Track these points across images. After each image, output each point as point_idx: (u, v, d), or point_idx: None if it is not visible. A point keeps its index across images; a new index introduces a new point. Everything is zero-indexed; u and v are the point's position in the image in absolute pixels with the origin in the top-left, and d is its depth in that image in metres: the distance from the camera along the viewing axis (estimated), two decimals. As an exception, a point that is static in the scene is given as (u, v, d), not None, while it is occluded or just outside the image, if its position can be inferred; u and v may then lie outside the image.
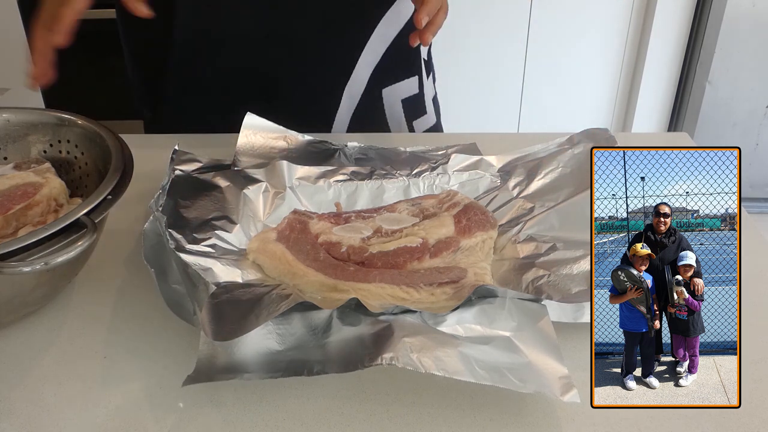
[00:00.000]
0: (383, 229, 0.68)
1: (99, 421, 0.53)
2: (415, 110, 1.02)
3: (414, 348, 0.52)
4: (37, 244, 0.54)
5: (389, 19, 0.93)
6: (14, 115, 0.73)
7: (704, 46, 2.09)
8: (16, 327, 0.62)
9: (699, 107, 2.15)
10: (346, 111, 0.97)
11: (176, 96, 0.97)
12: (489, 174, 0.79)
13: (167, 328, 0.61)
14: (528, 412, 0.54)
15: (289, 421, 0.53)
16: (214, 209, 0.70)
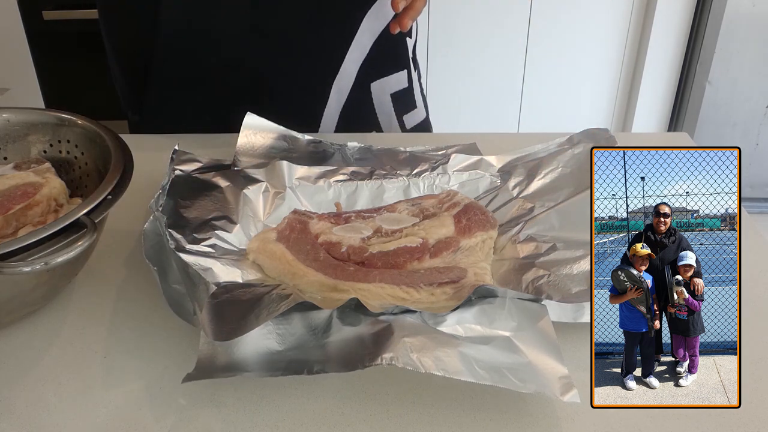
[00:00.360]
0: (383, 229, 0.68)
1: (99, 421, 0.53)
2: (406, 104, 1.02)
3: (414, 348, 0.52)
4: (37, 244, 0.54)
5: (375, 13, 0.93)
6: (14, 115, 0.73)
7: (704, 46, 2.09)
8: (16, 327, 0.62)
9: (699, 107, 2.15)
10: (335, 106, 0.97)
11: (162, 94, 0.97)
12: (489, 174, 0.79)
13: (167, 328, 0.61)
14: (528, 412, 0.54)
15: (289, 421, 0.53)
16: (214, 209, 0.70)
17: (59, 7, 1.90)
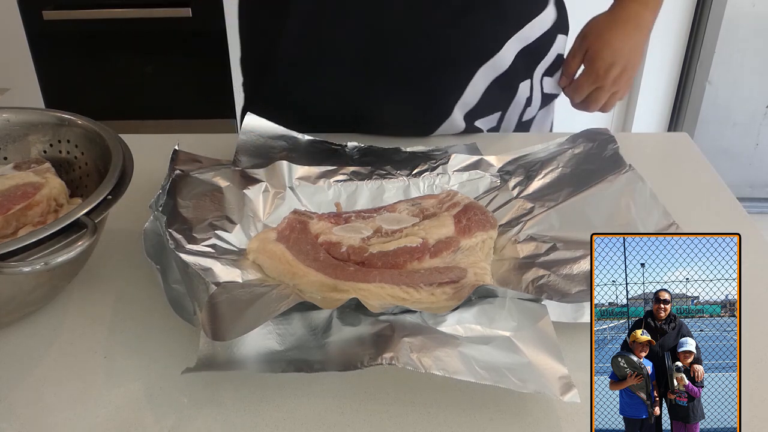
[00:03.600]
0: (383, 229, 0.68)
1: (99, 421, 0.53)
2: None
3: (414, 348, 0.52)
4: (37, 244, 0.54)
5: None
6: (14, 115, 0.73)
7: (704, 46, 2.09)
8: (16, 327, 0.62)
9: (699, 107, 2.15)
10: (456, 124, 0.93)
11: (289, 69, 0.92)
12: (489, 174, 0.79)
13: (167, 328, 0.61)
14: (528, 412, 0.54)
15: (289, 421, 0.53)
16: (214, 209, 0.70)
17: (59, 7, 1.90)
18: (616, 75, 0.92)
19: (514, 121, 0.97)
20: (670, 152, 0.95)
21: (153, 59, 2.04)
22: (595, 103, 0.96)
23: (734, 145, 2.19)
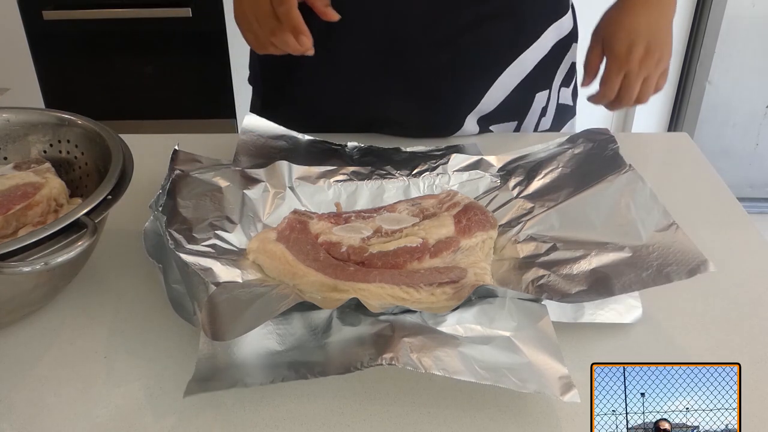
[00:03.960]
0: (383, 229, 0.68)
1: (99, 421, 0.53)
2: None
3: (414, 348, 0.52)
4: (37, 244, 0.54)
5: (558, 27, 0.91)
6: (14, 115, 0.73)
7: (704, 46, 2.09)
8: (16, 327, 0.62)
9: (699, 107, 2.15)
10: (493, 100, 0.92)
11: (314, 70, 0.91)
12: (489, 174, 0.79)
13: (167, 328, 0.61)
14: (528, 412, 0.54)
15: (289, 421, 0.53)
16: (214, 209, 0.70)
17: (59, 7, 1.90)
18: (640, 56, 0.86)
19: (530, 131, 0.96)
20: (670, 152, 0.95)
21: (153, 59, 2.04)
22: (629, 94, 0.87)
23: (734, 145, 2.19)
